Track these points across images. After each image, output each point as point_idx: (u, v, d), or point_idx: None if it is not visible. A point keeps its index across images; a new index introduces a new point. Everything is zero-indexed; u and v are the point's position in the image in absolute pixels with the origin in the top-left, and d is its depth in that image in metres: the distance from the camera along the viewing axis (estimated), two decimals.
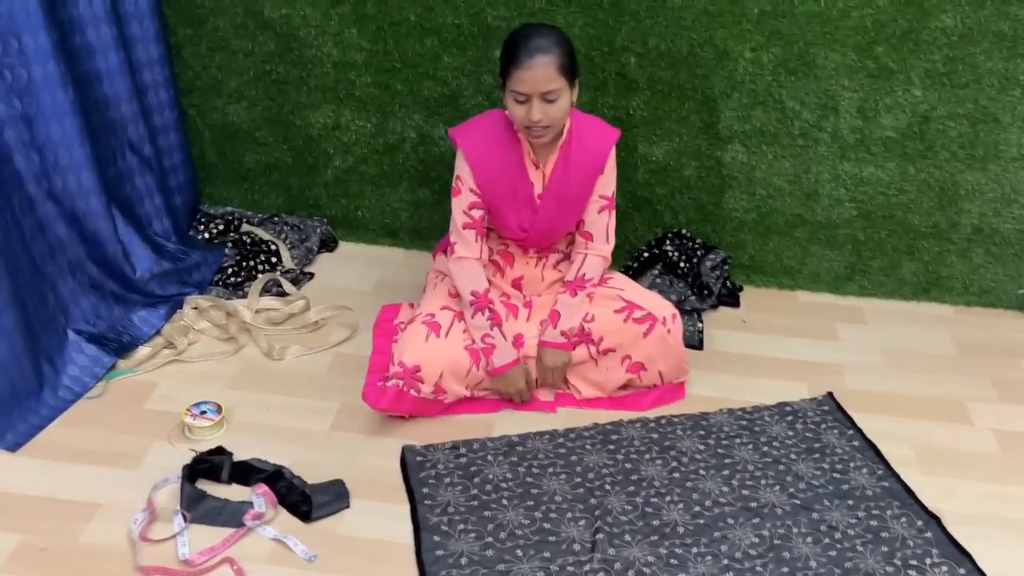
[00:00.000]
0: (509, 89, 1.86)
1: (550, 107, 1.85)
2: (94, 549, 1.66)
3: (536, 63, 1.80)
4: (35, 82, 1.92)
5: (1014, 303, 2.58)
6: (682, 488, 1.85)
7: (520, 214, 2.03)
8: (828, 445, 1.98)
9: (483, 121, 2.03)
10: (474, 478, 1.85)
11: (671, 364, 2.10)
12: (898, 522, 1.77)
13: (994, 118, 2.33)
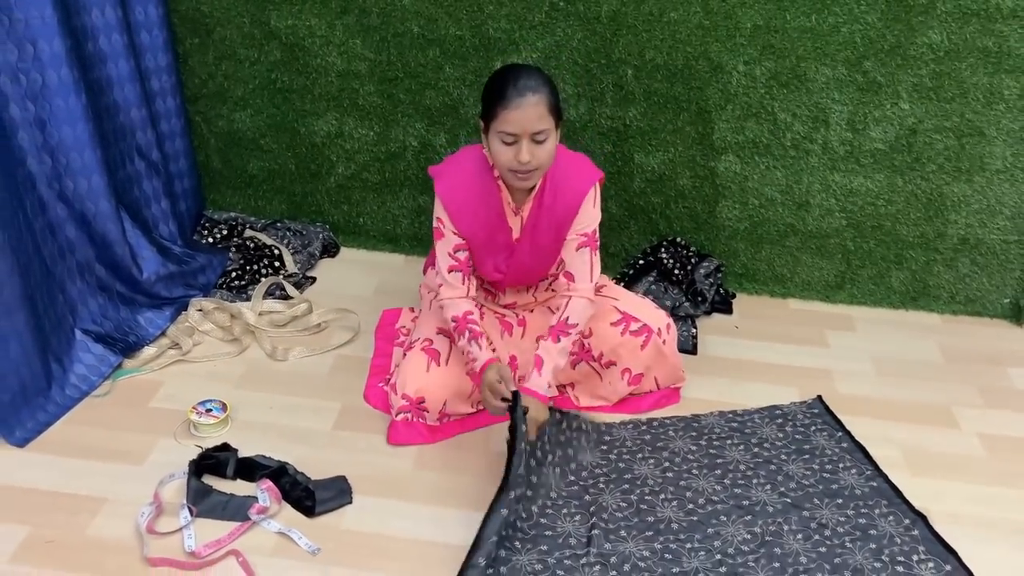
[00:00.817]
0: (496, 130, 1.77)
1: (538, 148, 1.78)
2: (101, 541, 1.70)
3: (527, 102, 1.72)
4: (49, 87, 1.97)
5: (999, 312, 2.65)
6: (675, 486, 1.90)
7: (496, 258, 2.01)
8: (818, 447, 2.04)
9: (462, 163, 1.95)
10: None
11: (666, 372, 2.15)
12: (886, 520, 1.82)
13: (979, 131, 2.40)
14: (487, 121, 1.80)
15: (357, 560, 1.69)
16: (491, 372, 1.87)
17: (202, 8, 2.52)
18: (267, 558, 1.68)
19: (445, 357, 2.02)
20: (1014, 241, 2.54)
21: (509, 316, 2.17)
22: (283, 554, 1.70)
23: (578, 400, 2.16)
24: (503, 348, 2.11)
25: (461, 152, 1.99)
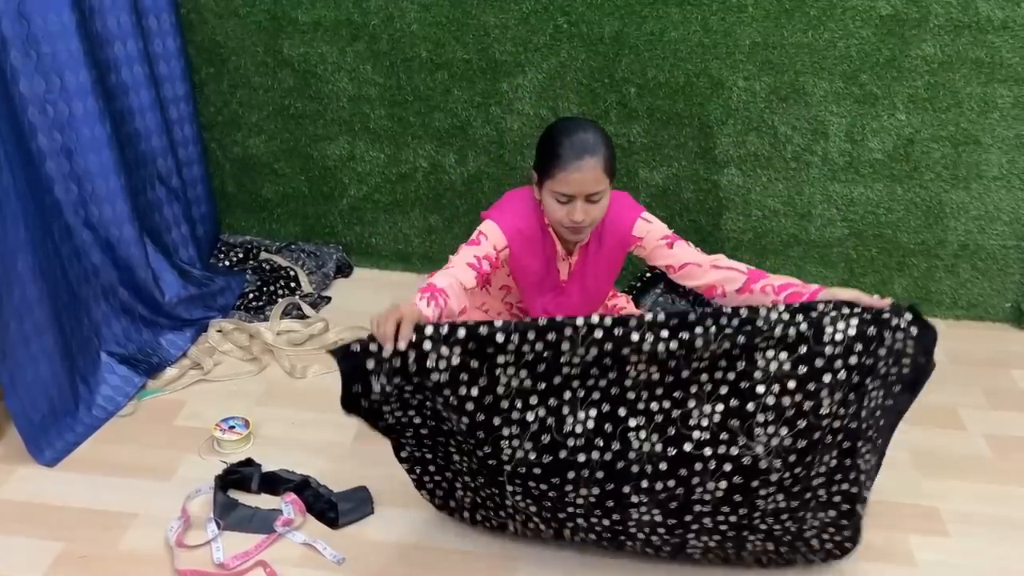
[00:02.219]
0: (551, 189, 1.76)
1: (593, 207, 1.77)
2: (133, 555, 1.75)
3: (585, 165, 1.71)
4: (75, 117, 2.05)
5: (1001, 316, 2.70)
6: None
7: (544, 298, 2.04)
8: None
9: (516, 207, 1.90)
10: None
11: None
12: None
13: (975, 140, 2.47)
14: (542, 177, 1.78)
15: (382, 569, 1.73)
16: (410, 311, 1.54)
17: (217, 38, 2.60)
18: (293, 568, 1.73)
19: None
20: (1013, 246, 2.59)
21: None
22: (309, 564, 1.74)
23: None
24: None
25: (512, 195, 1.95)
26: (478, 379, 1.48)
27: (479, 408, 1.50)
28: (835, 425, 1.53)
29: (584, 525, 1.64)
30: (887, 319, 1.53)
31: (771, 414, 1.51)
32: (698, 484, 1.54)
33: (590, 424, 1.53)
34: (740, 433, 1.51)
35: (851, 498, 1.62)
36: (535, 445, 1.53)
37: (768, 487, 1.54)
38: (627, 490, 1.56)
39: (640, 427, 1.54)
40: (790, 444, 1.51)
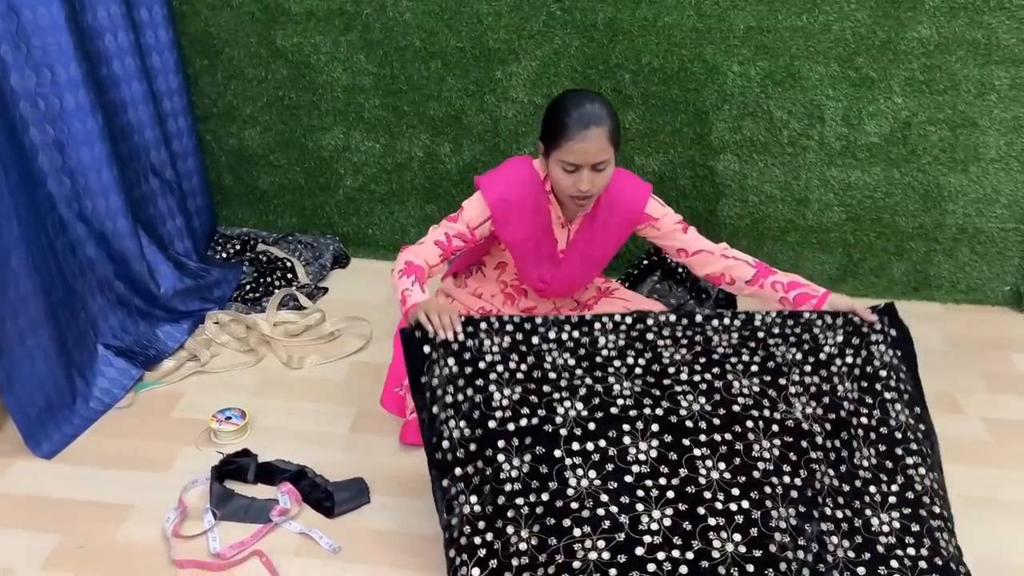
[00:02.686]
0: (557, 159, 1.80)
1: (598, 176, 1.82)
2: (130, 546, 1.75)
3: (591, 135, 1.75)
4: (67, 110, 2.05)
5: (1000, 299, 2.69)
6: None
7: (541, 268, 2.06)
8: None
9: (512, 173, 1.95)
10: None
11: None
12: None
13: (972, 122, 2.45)
14: (548, 147, 1.82)
15: (378, 557, 1.74)
16: (429, 302, 1.69)
17: (210, 30, 2.59)
18: (290, 557, 1.73)
19: None
20: (1011, 229, 2.58)
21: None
22: (305, 553, 1.75)
23: None
24: None
25: (509, 163, 1.99)
26: (527, 357, 1.65)
27: (529, 378, 1.62)
28: (862, 421, 1.69)
29: (654, 490, 1.52)
30: (866, 332, 1.76)
31: (799, 387, 1.68)
32: (754, 440, 1.59)
33: (637, 389, 1.63)
34: (779, 400, 1.65)
35: (913, 505, 1.61)
36: (587, 405, 1.61)
37: (816, 450, 1.61)
38: (687, 442, 1.58)
39: (686, 392, 1.65)
40: (822, 415, 1.66)
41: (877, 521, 1.59)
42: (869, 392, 1.71)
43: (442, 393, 1.61)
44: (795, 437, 1.61)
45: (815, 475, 1.58)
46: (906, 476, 1.64)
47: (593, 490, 1.52)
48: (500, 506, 1.51)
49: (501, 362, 1.63)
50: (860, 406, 1.70)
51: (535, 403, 1.59)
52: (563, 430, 1.57)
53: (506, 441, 1.56)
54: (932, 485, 1.66)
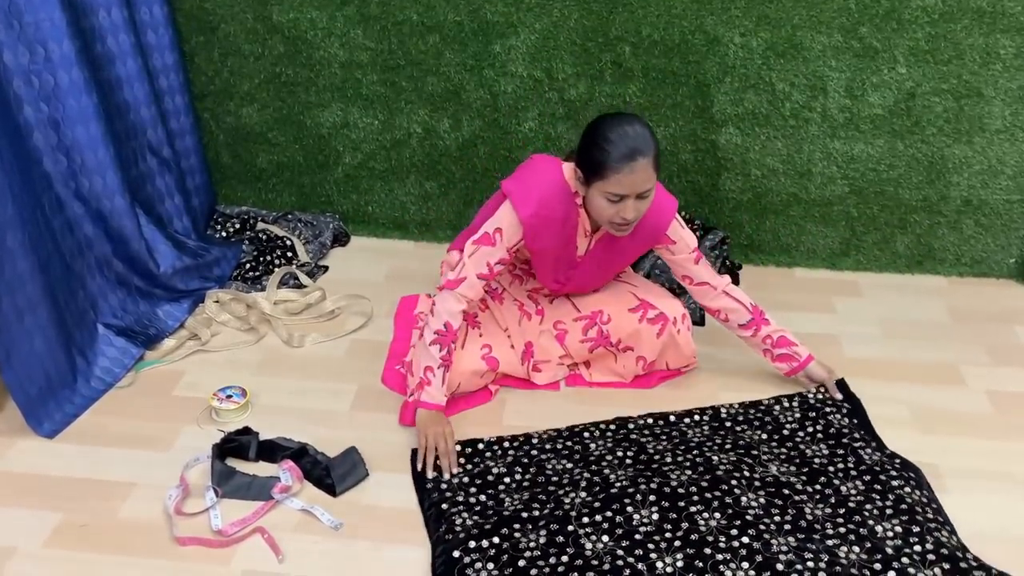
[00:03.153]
0: (601, 189, 1.76)
1: (642, 203, 1.79)
2: (132, 523, 1.76)
3: (638, 166, 1.71)
4: (61, 88, 2.03)
5: (1005, 271, 2.67)
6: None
7: (558, 270, 2.05)
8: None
9: (544, 186, 1.90)
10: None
11: (678, 359, 2.18)
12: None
13: (977, 92, 2.42)
14: (590, 176, 1.77)
15: (379, 533, 1.74)
16: (438, 420, 1.91)
17: (206, 6, 2.56)
18: (291, 534, 1.74)
19: (462, 339, 2.06)
20: (1017, 201, 2.55)
21: (528, 305, 2.20)
22: (307, 530, 1.75)
23: (591, 376, 2.20)
24: (519, 335, 2.14)
25: (536, 167, 1.94)
26: (529, 468, 1.89)
27: (535, 484, 1.84)
28: (839, 465, 1.87)
29: (663, 543, 1.67)
30: (820, 407, 2.07)
31: (770, 456, 1.91)
32: (740, 495, 1.76)
33: (630, 474, 1.84)
34: (756, 464, 1.86)
35: (908, 514, 1.72)
36: (589, 492, 1.79)
37: (799, 494, 1.77)
38: (682, 504, 1.74)
39: (673, 469, 1.84)
40: (796, 471, 1.86)
41: (880, 529, 1.69)
42: (838, 445, 1.94)
43: (452, 495, 1.81)
44: (776, 488, 1.78)
45: (804, 512, 1.73)
46: (896, 495, 1.77)
47: (608, 549, 1.65)
48: (521, 568, 1.62)
49: (507, 474, 1.87)
50: (833, 457, 1.90)
51: (544, 500, 1.78)
52: (572, 512, 1.73)
53: (521, 524, 1.72)
54: (922, 499, 1.78)
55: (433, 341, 1.94)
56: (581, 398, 2.15)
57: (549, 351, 2.15)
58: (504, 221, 1.91)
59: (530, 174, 1.93)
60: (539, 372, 2.14)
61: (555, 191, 1.90)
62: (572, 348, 2.14)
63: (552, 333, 2.15)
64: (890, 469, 1.84)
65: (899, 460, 1.88)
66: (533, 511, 1.75)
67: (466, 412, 2.09)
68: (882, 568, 1.59)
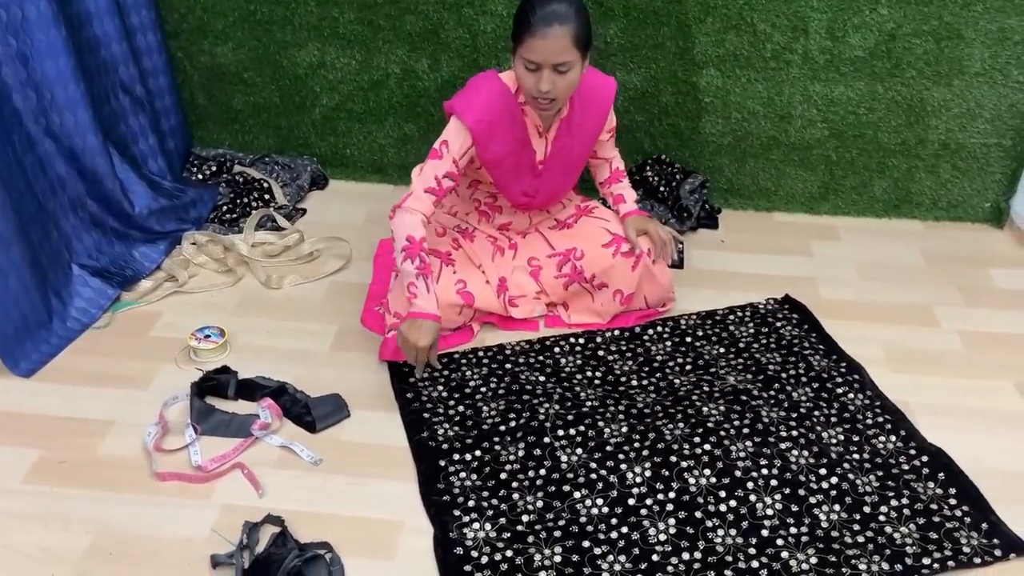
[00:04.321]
0: (520, 55, 1.79)
1: (560, 78, 1.80)
2: (111, 460, 1.76)
3: (552, 33, 1.73)
4: (29, 20, 1.98)
5: (981, 216, 2.69)
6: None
7: (523, 181, 2.05)
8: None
9: (482, 91, 1.93)
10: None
11: (655, 291, 2.19)
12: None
13: (958, 34, 2.41)
14: (515, 45, 1.81)
15: (358, 468, 1.76)
16: (429, 330, 1.87)
17: None
18: (271, 469, 1.75)
19: (436, 275, 2.06)
20: (994, 144, 2.57)
21: (501, 240, 2.20)
22: (286, 466, 1.76)
23: (570, 319, 2.21)
24: (493, 270, 2.15)
25: (477, 81, 1.96)
26: (504, 378, 1.99)
27: (510, 392, 1.94)
28: (790, 372, 2.02)
29: (632, 452, 1.78)
30: (771, 321, 2.20)
31: (727, 369, 2.02)
32: (701, 406, 1.90)
33: (600, 394, 1.95)
34: (714, 380, 1.99)
35: (850, 422, 1.88)
36: (562, 405, 1.90)
37: (755, 399, 1.92)
38: (649, 419, 1.86)
39: (638, 392, 1.96)
40: (752, 378, 1.99)
41: (826, 435, 1.84)
42: (790, 353, 2.08)
43: (432, 407, 1.90)
44: (735, 395, 1.92)
45: (760, 415, 1.86)
46: (840, 403, 1.93)
47: (582, 461, 1.75)
48: (502, 480, 1.71)
49: (484, 385, 1.97)
50: (785, 364, 2.04)
51: (519, 409, 1.89)
52: (547, 423, 1.84)
53: (500, 436, 1.81)
54: (865, 401, 1.93)
55: (404, 258, 1.91)
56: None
57: (524, 287, 2.15)
58: (450, 133, 1.94)
59: (470, 88, 1.96)
60: (515, 307, 2.15)
61: (496, 95, 1.93)
62: (547, 284, 2.15)
63: (526, 269, 2.16)
64: (836, 376, 2.00)
65: (844, 364, 2.04)
66: (510, 422, 1.86)
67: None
68: (827, 473, 1.73)
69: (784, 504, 1.66)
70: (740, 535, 1.60)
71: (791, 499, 1.67)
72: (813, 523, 1.63)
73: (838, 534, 1.60)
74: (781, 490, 1.69)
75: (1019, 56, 2.42)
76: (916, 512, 1.65)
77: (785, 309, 2.25)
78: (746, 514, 1.64)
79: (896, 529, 1.61)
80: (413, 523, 1.64)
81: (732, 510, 1.65)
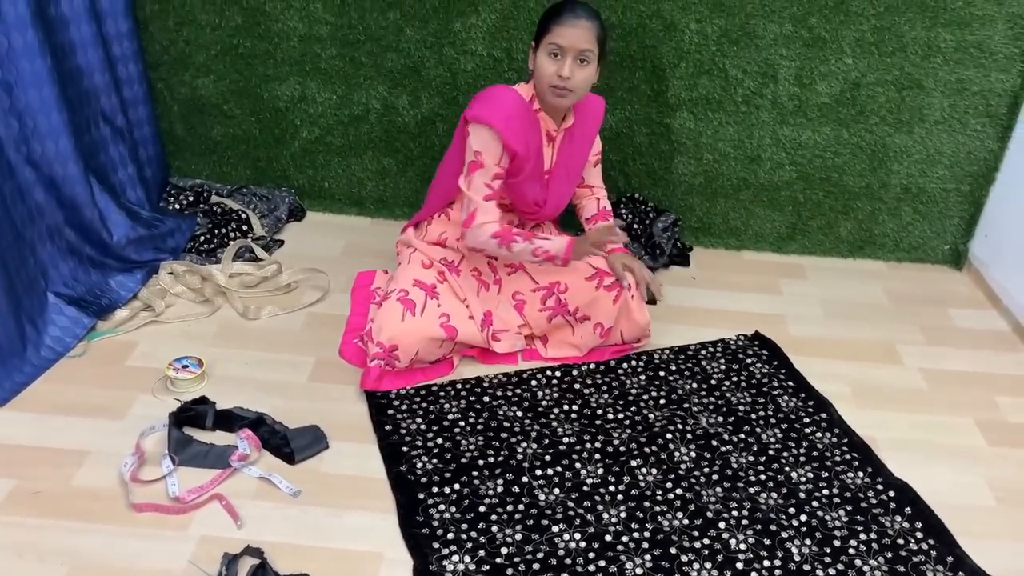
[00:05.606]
0: (547, 43, 1.95)
1: (579, 69, 1.95)
2: (86, 490, 1.74)
3: (580, 23, 1.93)
4: (15, 50, 1.98)
5: (941, 258, 2.79)
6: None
7: (534, 188, 2.12)
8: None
9: (505, 99, 2.02)
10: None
11: (632, 329, 2.24)
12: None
13: (918, 84, 2.52)
14: (539, 38, 1.98)
15: (337, 499, 1.76)
16: (583, 243, 2.04)
17: None
18: (250, 501, 1.74)
19: (420, 307, 2.09)
20: (952, 189, 2.67)
21: (486, 274, 2.24)
22: (265, 497, 1.76)
23: (547, 352, 2.24)
24: (478, 304, 2.18)
25: (493, 91, 2.06)
26: (483, 413, 2.01)
27: (488, 428, 1.97)
28: (760, 414, 2.06)
29: (607, 495, 1.81)
30: (743, 357, 2.26)
31: (699, 407, 2.08)
32: (674, 449, 1.95)
33: (576, 429, 1.99)
34: (687, 418, 2.04)
35: (819, 460, 1.93)
36: (540, 444, 1.93)
37: (725, 444, 1.96)
38: (623, 459, 1.90)
39: (614, 427, 2.00)
40: (723, 421, 2.04)
41: (795, 475, 1.89)
42: (759, 393, 2.14)
43: (411, 440, 1.92)
44: (706, 439, 1.97)
45: (730, 461, 1.91)
46: (808, 442, 1.98)
47: (560, 501, 1.79)
48: (481, 513, 1.74)
49: (462, 419, 1.99)
50: (755, 404, 2.10)
51: (497, 447, 1.91)
52: (525, 464, 1.87)
53: (479, 471, 1.84)
54: (831, 441, 1.99)
55: (507, 246, 2.04)
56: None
57: (508, 321, 2.19)
58: (479, 143, 2.01)
59: (489, 97, 2.05)
60: (498, 341, 2.18)
61: (515, 101, 2.04)
62: (531, 317, 2.19)
63: (511, 303, 2.20)
64: (803, 416, 2.06)
65: (812, 402, 2.11)
66: (488, 458, 1.88)
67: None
68: (795, 512, 1.79)
69: (756, 539, 1.71)
70: (716, 568, 1.63)
71: (763, 534, 1.72)
72: (786, 556, 1.67)
73: (810, 567, 1.65)
74: (753, 527, 1.74)
75: (976, 106, 2.54)
76: (884, 546, 1.70)
77: (755, 345, 2.31)
78: (720, 549, 1.68)
79: (865, 562, 1.66)
80: (392, 555, 1.65)
81: (706, 546, 1.69)
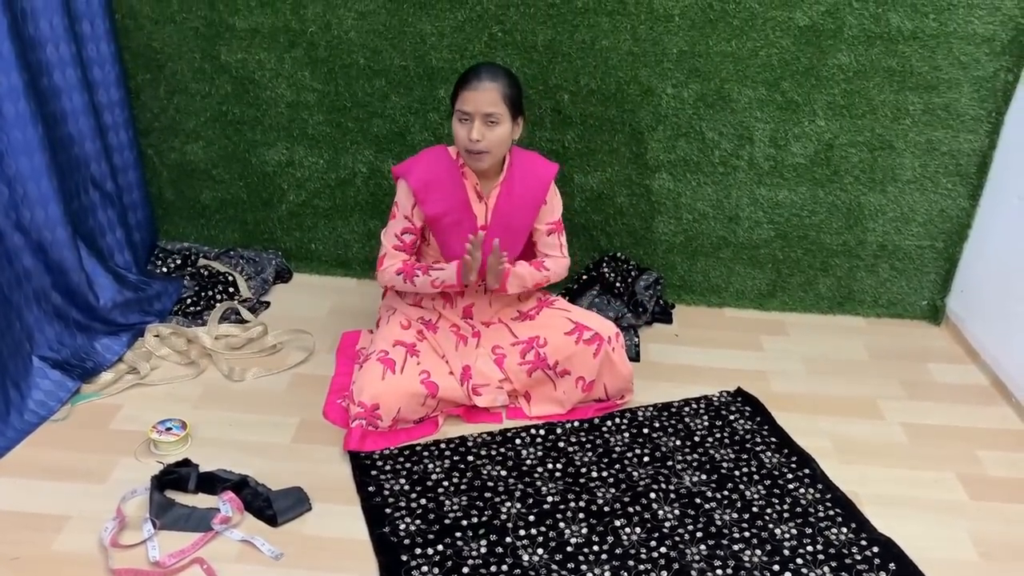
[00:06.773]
0: (456, 109, 2.06)
1: (489, 131, 2.04)
2: (66, 556, 1.73)
3: (483, 86, 2.01)
4: (7, 119, 2.03)
5: (919, 313, 2.83)
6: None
7: (464, 245, 2.13)
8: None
9: (428, 156, 2.19)
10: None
11: (615, 381, 2.25)
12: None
13: (889, 145, 2.60)
14: (453, 106, 2.07)
15: (320, 563, 1.75)
16: (468, 267, 2.10)
17: (153, 44, 2.60)
18: (232, 564, 1.73)
19: (400, 366, 2.10)
20: (927, 246, 2.73)
21: (464, 329, 2.27)
22: (247, 560, 1.75)
23: (531, 411, 2.25)
24: (457, 358, 2.20)
25: (423, 152, 2.21)
26: (466, 473, 2.01)
27: (472, 488, 1.97)
28: (743, 470, 2.07)
29: (591, 555, 1.81)
30: (725, 413, 2.28)
31: (683, 464, 2.08)
32: (657, 508, 1.94)
33: (560, 487, 1.98)
34: (671, 476, 2.04)
35: (802, 516, 1.94)
36: (524, 504, 1.93)
37: (709, 502, 1.96)
38: (607, 519, 1.90)
39: (599, 486, 2.00)
40: (706, 479, 2.04)
41: (779, 532, 1.89)
42: (742, 450, 2.14)
43: (394, 501, 1.91)
44: (689, 498, 1.97)
45: (713, 519, 1.91)
46: (792, 498, 1.99)
47: (543, 562, 1.78)
48: (465, 575, 1.73)
49: (446, 479, 1.99)
50: (738, 461, 2.10)
51: (481, 507, 1.91)
52: (509, 524, 1.87)
53: (462, 532, 1.84)
54: (814, 497, 2.00)
55: (407, 280, 2.19)
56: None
57: (488, 375, 2.20)
58: (399, 195, 2.19)
59: (416, 156, 2.22)
60: (479, 395, 2.19)
61: (436, 158, 2.17)
62: (511, 371, 2.20)
63: (491, 357, 2.21)
64: (787, 472, 2.07)
65: (795, 458, 2.11)
66: (472, 518, 1.88)
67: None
68: (780, 569, 1.78)
69: None
70: None
71: None
72: None
73: None
74: None
75: (947, 166, 2.61)
76: None
77: (738, 402, 2.32)
78: None
79: None
80: None
81: None
